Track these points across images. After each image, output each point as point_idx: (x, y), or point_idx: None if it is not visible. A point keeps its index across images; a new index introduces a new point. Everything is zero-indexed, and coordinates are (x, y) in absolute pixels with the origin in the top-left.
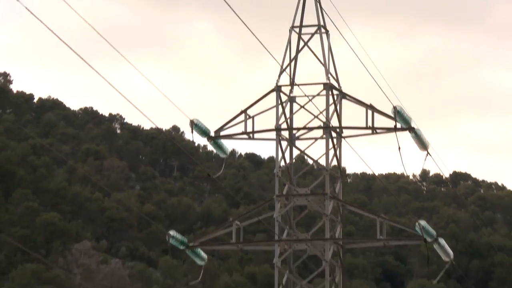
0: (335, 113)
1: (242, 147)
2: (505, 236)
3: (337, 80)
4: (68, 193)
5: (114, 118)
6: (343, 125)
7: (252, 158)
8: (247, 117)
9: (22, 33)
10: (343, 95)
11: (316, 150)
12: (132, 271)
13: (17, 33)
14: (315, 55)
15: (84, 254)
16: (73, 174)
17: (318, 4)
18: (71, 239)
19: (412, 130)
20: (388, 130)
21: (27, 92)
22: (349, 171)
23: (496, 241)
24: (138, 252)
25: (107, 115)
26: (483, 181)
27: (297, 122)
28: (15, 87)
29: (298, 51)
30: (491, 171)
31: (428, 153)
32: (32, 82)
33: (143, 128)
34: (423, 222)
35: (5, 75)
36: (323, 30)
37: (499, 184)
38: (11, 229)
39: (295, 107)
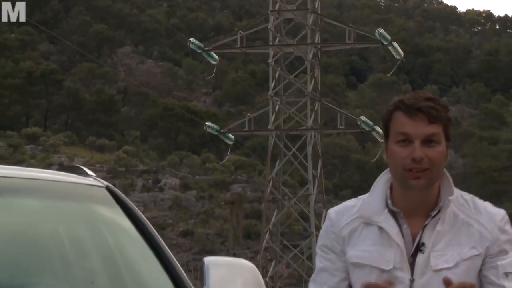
0: None
1: None
2: (442, 39)
3: None
4: (113, 10)
5: None
6: None
7: None
8: None
9: None
10: None
11: None
12: (163, 69)
13: None
14: None
15: (126, 56)
16: None
17: None
18: (116, 45)
19: None
20: None
21: None
22: None
23: (435, 44)
24: (167, 55)
25: None
26: None
27: None
28: None
29: None
30: None
31: None
32: None
33: None
34: (381, 30)
35: None
36: None
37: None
38: (71, 37)
39: None
